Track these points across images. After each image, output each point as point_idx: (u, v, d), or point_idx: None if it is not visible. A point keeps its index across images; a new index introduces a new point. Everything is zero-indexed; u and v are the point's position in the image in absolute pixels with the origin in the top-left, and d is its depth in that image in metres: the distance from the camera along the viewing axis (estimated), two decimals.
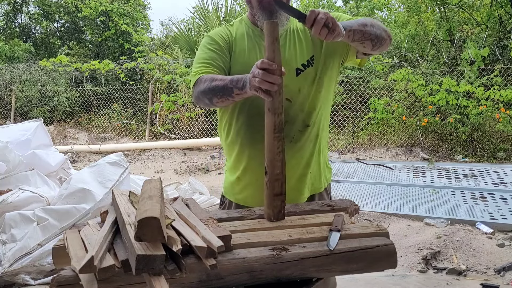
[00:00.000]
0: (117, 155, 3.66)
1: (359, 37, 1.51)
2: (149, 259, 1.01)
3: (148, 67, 9.42)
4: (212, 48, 1.68)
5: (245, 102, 1.63)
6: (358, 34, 1.50)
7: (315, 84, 1.67)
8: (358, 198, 4.64)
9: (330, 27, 1.34)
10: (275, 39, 1.36)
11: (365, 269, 1.28)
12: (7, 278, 2.89)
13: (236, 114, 1.69)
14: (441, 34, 8.90)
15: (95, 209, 3.09)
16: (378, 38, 1.56)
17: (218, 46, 1.68)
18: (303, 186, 1.71)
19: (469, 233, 3.62)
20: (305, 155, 1.70)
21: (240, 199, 1.77)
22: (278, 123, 1.41)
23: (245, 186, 1.75)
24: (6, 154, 3.52)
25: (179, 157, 7.71)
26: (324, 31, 1.34)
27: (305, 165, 1.71)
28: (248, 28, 1.73)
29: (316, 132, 1.72)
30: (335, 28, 1.35)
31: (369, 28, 1.53)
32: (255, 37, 1.70)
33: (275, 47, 1.36)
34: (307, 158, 1.71)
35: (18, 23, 14.87)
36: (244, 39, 1.70)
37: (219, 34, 1.72)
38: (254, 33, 1.71)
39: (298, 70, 1.65)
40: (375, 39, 1.55)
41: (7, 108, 10.50)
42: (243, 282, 1.18)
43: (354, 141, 7.51)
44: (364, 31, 1.51)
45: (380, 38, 1.57)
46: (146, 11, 15.06)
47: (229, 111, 1.71)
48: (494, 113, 6.61)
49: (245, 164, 1.71)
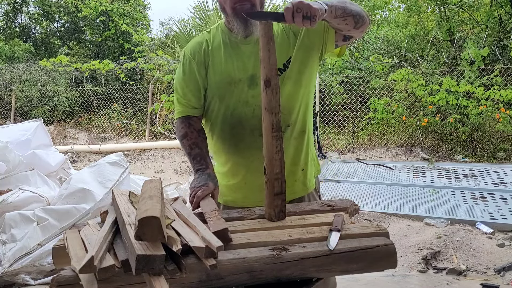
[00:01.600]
0: (117, 155, 3.66)
1: (341, 13, 1.49)
2: (149, 259, 1.01)
3: (148, 67, 9.42)
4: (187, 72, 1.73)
5: (225, 113, 1.68)
6: (339, 10, 1.48)
7: (292, 86, 1.67)
8: (358, 198, 4.64)
9: (309, 16, 1.33)
10: (270, 38, 1.37)
11: (365, 269, 1.28)
12: (7, 278, 2.89)
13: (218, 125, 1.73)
14: (441, 34, 8.90)
15: (95, 209, 3.09)
16: (360, 15, 1.54)
17: (192, 67, 1.71)
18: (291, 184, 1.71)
19: (469, 233, 3.62)
20: (290, 152, 1.72)
21: (229, 200, 1.81)
22: (275, 122, 1.41)
23: (234, 190, 1.79)
24: (6, 154, 3.52)
25: (179, 157, 7.71)
26: (306, 22, 1.33)
27: (291, 162, 1.72)
28: (224, 35, 1.72)
29: (301, 129, 1.73)
30: (315, 14, 1.33)
31: (348, 5, 1.52)
32: (231, 44, 1.69)
33: (270, 47, 1.37)
34: (293, 155, 1.73)
35: (18, 23, 14.88)
36: (220, 49, 1.70)
37: (196, 49, 1.73)
38: (231, 40, 1.70)
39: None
40: (357, 15, 1.53)
41: (7, 108, 10.50)
42: (243, 282, 1.18)
43: (354, 141, 7.51)
44: (345, 8, 1.50)
45: (361, 15, 1.55)
46: (146, 11, 15.06)
47: (209, 122, 1.76)
48: (494, 113, 6.61)
49: (233, 170, 1.76)
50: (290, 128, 1.70)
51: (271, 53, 1.37)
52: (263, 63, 1.40)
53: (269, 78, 1.40)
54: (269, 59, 1.38)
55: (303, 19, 1.32)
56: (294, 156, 1.73)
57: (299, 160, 1.75)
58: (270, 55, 1.37)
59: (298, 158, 1.75)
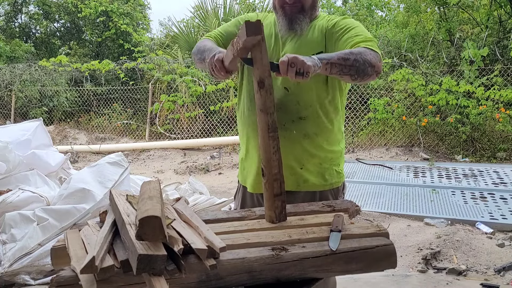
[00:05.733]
0: (117, 155, 3.65)
1: (336, 71, 1.48)
2: (150, 259, 1.00)
3: (148, 67, 9.42)
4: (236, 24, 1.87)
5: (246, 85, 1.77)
6: (335, 68, 1.47)
7: (315, 77, 1.66)
8: (358, 198, 4.64)
9: (302, 72, 1.37)
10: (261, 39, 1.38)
11: (364, 269, 1.28)
12: (7, 278, 2.89)
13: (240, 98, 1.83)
14: (441, 34, 8.90)
15: (95, 209, 3.08)
16: (359, 74, 1.50)
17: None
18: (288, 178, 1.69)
19: (469, 233, 3.62)
20: (296, 148, 1.72)
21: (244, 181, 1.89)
22: (271, 122, 1.41)
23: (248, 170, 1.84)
24: (6, 154, 3.52)
25: (179, 157, 7.71)
26: (299, 77, 1.37)
27: (294, 158, 1.72)
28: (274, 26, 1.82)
29: (314, 130, 1.72)
30: (308, 71, 1.37)
31: (351, 62, 1.47)
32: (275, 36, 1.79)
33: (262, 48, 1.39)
34: (299, 153, 1.73)
35: (18, 23, 14.87)
36: (267, 28, 1.77)
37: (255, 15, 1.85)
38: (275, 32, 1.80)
39: None
40: (355, 75, 1.50)
41: (7, 108, 10.50)
42: (242, 282, 1.18)
43: (354, 141, 7.51)
44: (344, 65, 1.47)
45: (363, 74, 1.50)
46: (146, 11, 15.05)
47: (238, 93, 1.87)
48: (494, 113, 6.61)
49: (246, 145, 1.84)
50: (302, 122, 1.71)
51: (263, 54, 1.38)
52: (255, 64, 1.40)
53: (262, 79, 1.40)
54: (262, 60, 1.38)
55: (296, 74, 1.37)
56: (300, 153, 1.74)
57: (299, 161, 1.75)
58: (262, 56, 1.38)
59: (299, 158, 1.75)
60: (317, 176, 1.77)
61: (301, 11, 1.71)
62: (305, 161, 1.74)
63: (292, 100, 1.67)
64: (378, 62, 1.55)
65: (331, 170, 1.80)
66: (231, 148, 7.67)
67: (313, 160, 1.75)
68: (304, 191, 1.77)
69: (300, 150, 1.73)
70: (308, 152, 1.73)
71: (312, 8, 1.75)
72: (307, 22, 1.73)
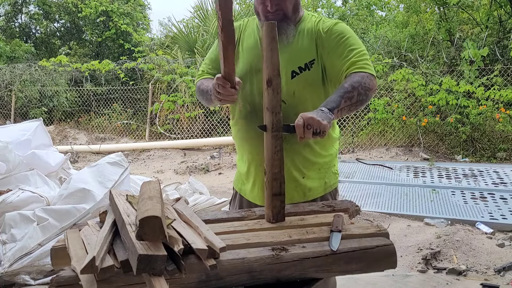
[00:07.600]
0: (117, 155, 3.65)
1: (346, 112, 1.56)
2: (150, 259, 1.00)
3: (148, 67, 9.42)
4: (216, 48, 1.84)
5: (243, 99, 1.73)
6: (344, 111, 1.54)
7: (311, 88, 1.67)
8: (358, 198, 4.64)
9: (319, 132, 1.39)
10: (273, 39, 1.39)
11: (364, 269, 1.28)
12: (7, 278, 2.88)
13: (236, 111, 1.80)
14: (441, 34, 8.90)
15: (95, 209, 3.08)
16: (364, 103, 1.60)
17: None
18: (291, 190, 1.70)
19: (469, 233, 3.62)
20: (298, 159, 1.72)
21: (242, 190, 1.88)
22: (276, 121, 1.42)
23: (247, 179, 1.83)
24: (6, 154, 3.52)
25: (179, 157, 7.70)
26: (315, 136, 1.39)
27: (296, 168, 1.73)
28: (257, 28, 1.80)
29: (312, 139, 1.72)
30: (324, 130, 1.39)
31: (355, 99, 1.54)
32: (259, 37, 1.76)
33: (273, 47, 1.39)
34: (300, 162, 1.73)
35: (18, 23, 14.87)
36: (250, 37, 1.78)
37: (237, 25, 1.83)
38: (259, 35, 1.76)
39: (294, 72, 1.66)
40: (361, 106, 1.60)
41: (7, 108, 10.50)
42: (242, 283, 1.18)
43: (354, 141, 7.51)
44: (351, 105, 1.54)
45: (366, 101, 1.60)
46: (146, 11, 15.06)
47: (231, 107, 1.83)
48: (494, 113, 6.61)
49: (245, 158, 1.82)
50: None
51: (273, 52, 1.38)
52: (265, 63, 1.41)
53: (271, 78, 1.41)
54: (272, 59, 1.39)
55: (313, 134, 1.38)
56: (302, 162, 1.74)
57: (300, 170, 1.75)
58: (272, 55, 1.38)
59: (299, 168, 1.75)
60: (319, 182, 1.79)
61: (284, 18, 1.67)
62: (306, 170, 1.75)
63: (289, 113, 1.64)
64: (374, 81, 1.63)
65: (329, 173, 1.83)
66: (231, 148, 7.67)
67: (313, 167, 1.77)
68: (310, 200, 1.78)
69: (302, 160, 1.74)
70: (309, 160, 1.75)
71: (294, 12, 1.71)
72: (292, 29, 1.70)
